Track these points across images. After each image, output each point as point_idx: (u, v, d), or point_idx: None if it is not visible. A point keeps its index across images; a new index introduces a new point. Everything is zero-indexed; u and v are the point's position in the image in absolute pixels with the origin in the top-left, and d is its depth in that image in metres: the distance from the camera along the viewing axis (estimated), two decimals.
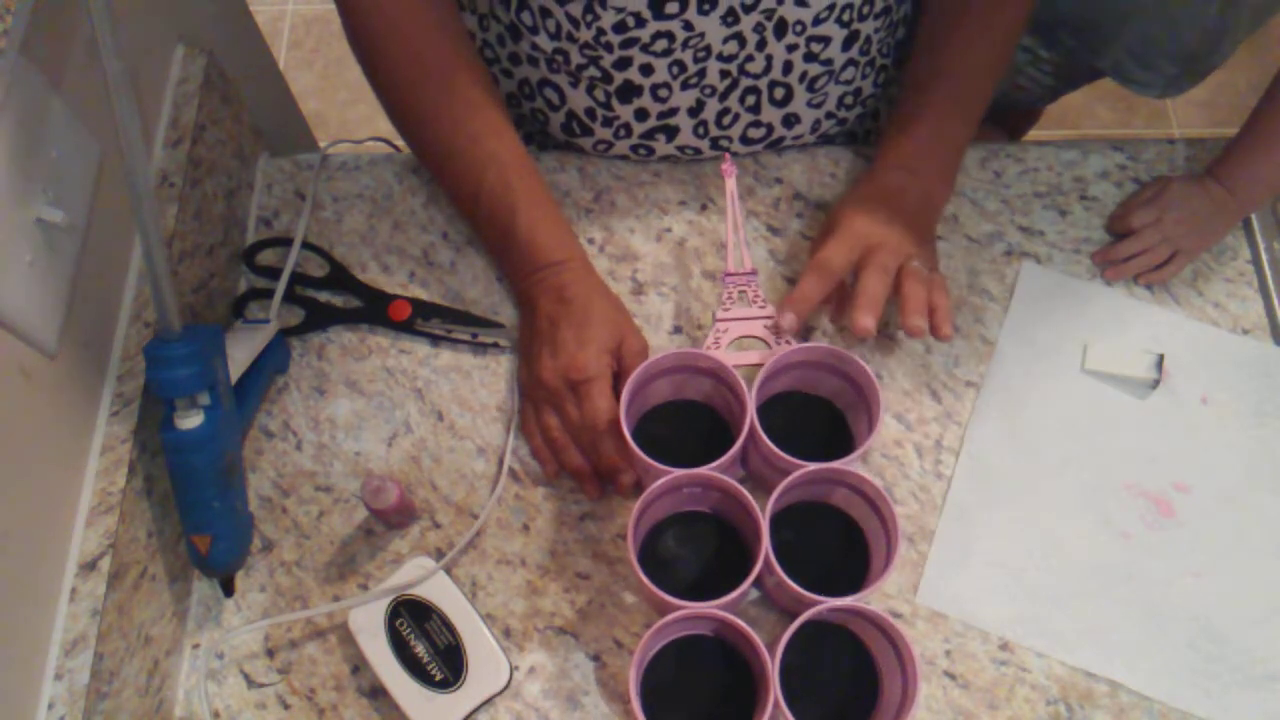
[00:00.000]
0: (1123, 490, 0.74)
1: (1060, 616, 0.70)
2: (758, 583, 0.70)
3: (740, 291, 0.74)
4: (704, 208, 0.84)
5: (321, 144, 0.91)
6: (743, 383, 0.67)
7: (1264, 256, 0.81)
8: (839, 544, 0.70)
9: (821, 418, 0.74)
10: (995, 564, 0.72)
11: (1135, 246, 0.80)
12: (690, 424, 0.74)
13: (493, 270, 0.82)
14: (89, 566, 0.61)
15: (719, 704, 0.66)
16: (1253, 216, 0.82)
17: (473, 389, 0.78)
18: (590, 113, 0.80)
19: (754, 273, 0.75)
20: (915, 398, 0.77)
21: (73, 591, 0.60)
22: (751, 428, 0.66)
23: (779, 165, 0.85)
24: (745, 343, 0.74)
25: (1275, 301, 0.80)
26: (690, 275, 0.81)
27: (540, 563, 0.72)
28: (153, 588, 0.67)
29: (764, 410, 0.69)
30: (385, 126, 0.80)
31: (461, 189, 0.76)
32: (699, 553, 0.70)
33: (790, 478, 0.64)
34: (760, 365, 0.69)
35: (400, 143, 0.84)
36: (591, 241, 0.82)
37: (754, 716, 0.61)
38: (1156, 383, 0.76)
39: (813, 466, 0.64)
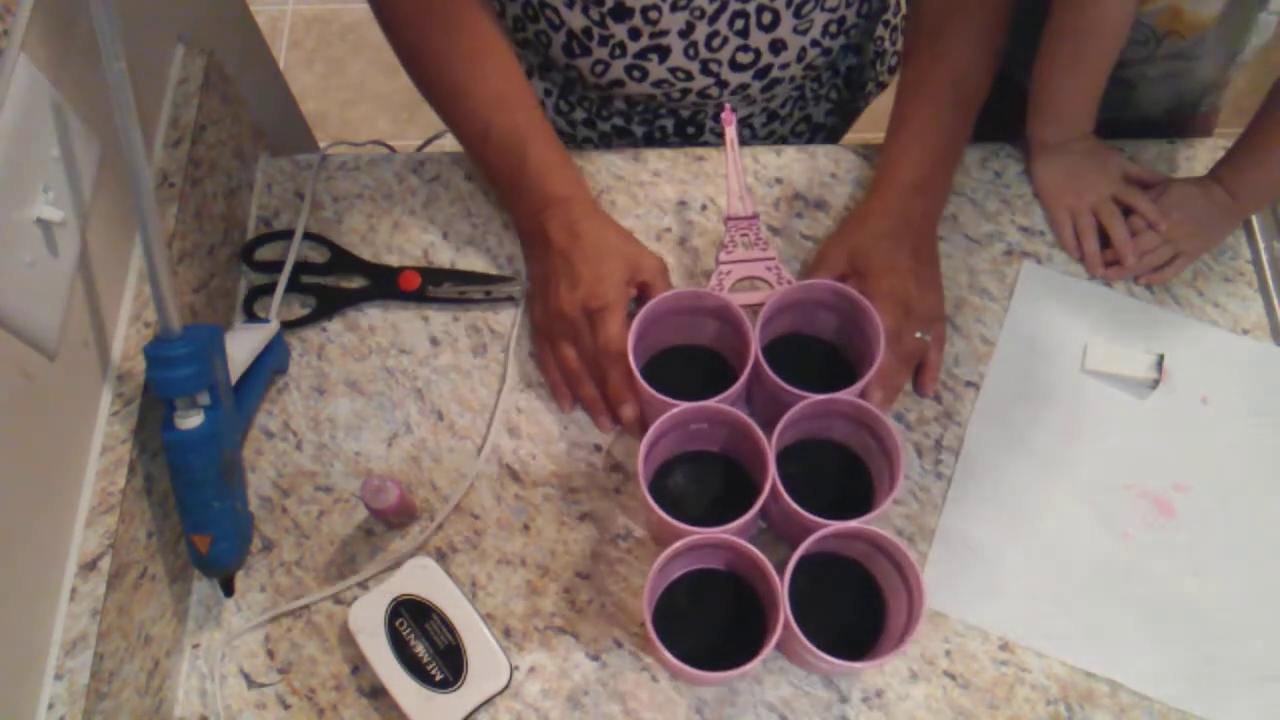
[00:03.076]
0: (1123, 490, 0.74)
1: (1060, 616, 0.70)
2: (765, 516, 0.72)
3: (742, 235, 0.76)
4: (704, 208, 0.84)
5: (321, 144, 0.91)
6: (747, 321, 0.68)
7: (1264, 256, 0.81)
8: (843, 477, 0.72)
9: (824, 359, 0.76)
10: (995, 564, 0.72)
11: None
12: (696, 366, 0.76)
13: (494, 269, 0.82)
14: (89, 566, 0.61)
15: (730, 633, 0.67)
16: (1253, 217, 0.82)
17: (473, 389, 0.78)
18: (587, 32, 0.81)
19: (755, 216, 0.76)
20: (915, 398, 0.77)
21: (73, 591, 0.60)
22: (756, 362, 0.67)
23: (779, 165, 0.85)
24: (748, 283, 0.76)
25: (1275, 301, 0.80)
26: (691, 275, 0.81)
27: (540, 563, 0.72)
28: (153, 588, 0.67)
29: (768, 352, 0.70)
30: (385, 127, 0.80)
31: (470, 128, 0.77)
32: (707, 490, 0.72)
33: (795, 409, 0.65)
34: (763, 305, 0.70)
35: (399, 144, 0.84)
36: None
37: (764, 640, 0.62)
38: (1156, 383, 0.76)
39: (816, 397, 0.66)
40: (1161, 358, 0.77)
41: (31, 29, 0.57)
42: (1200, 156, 0.85)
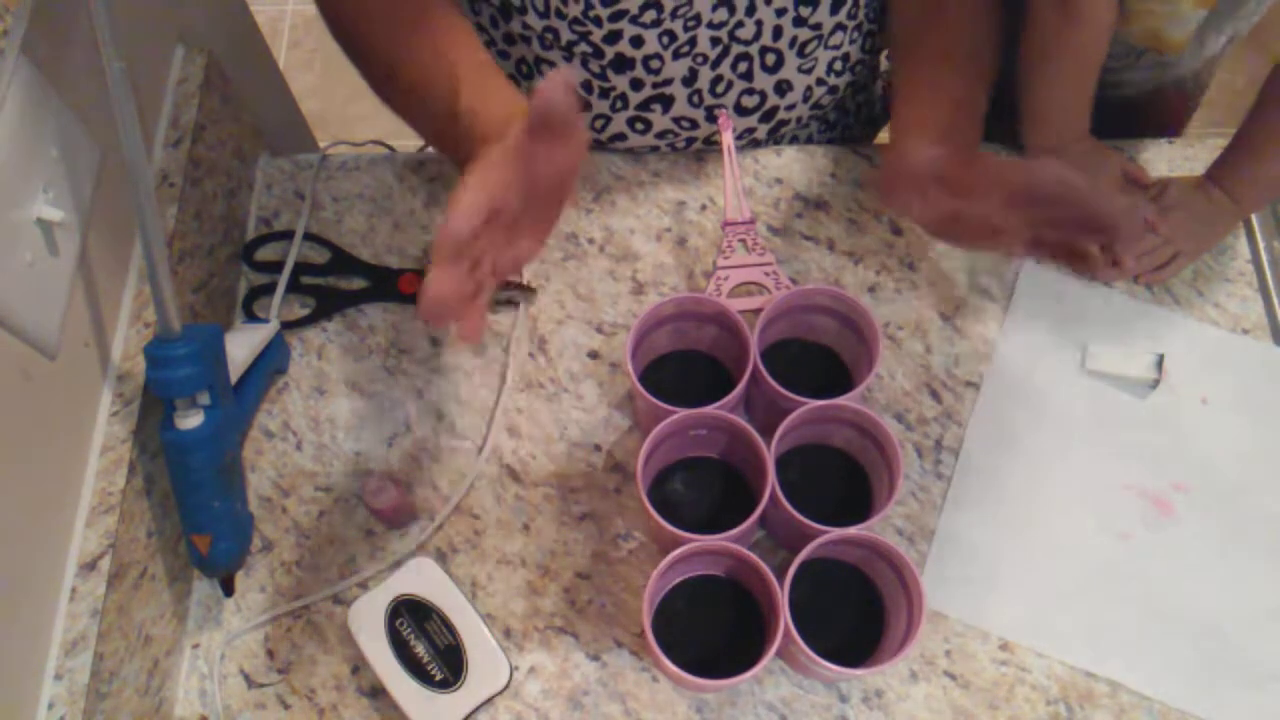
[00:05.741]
0: (1123, 490, 0.74)
1: (1060, 616, 0.70)
2: (764, 524, 0.72)
3: (740, 240, 0.76)
4: (704, 208, 0.84)
5: (321, 144, 0.91)
6: (745, 326, 0.68)
7: (1264, 256, 0.81)
8: (843, 484, 0.72)
9: (822, 364, 0.76)
10: (995, 563, 0.72)
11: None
12: (694, 372, 0.76)
13: None
14: (89, 566, 0.61)
15: (730, 639, 0.67)
16: (1252, 216, 0.82)
17: (473, 389, 0.78)
18: (587, 86, 0.80)
19: (753, 221, 0.76)
20: (915, 398, 0.77)
21: (73, 591, 0.60)
22: (755, 367, 0.67)
23: (779, 165, 0.85)
24: (746, 288, 0.76)
25: (1275, 301, 0.80)
26: (690, 275, 0.81)
27: (540, 563, 0.72)
28: (153, 588, 0.67)
29: (766, 357, 0.70)
30: (385, 127, 0.80)
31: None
32: (706, 496, 0.72)
33: (793, 414, 0.65)
34: (760, 310, 0.70)
35: (399, 144, 0.84)
36: (591, 241, 0.82)
37: (764, 647, 0.62)
38: (1156, 383, 0.76)
39: (814, 403, 0.66)
40: (1161, 358, 0.77)
41: (31, 29, 0.57)
42: (1200, 156, 0.85)
